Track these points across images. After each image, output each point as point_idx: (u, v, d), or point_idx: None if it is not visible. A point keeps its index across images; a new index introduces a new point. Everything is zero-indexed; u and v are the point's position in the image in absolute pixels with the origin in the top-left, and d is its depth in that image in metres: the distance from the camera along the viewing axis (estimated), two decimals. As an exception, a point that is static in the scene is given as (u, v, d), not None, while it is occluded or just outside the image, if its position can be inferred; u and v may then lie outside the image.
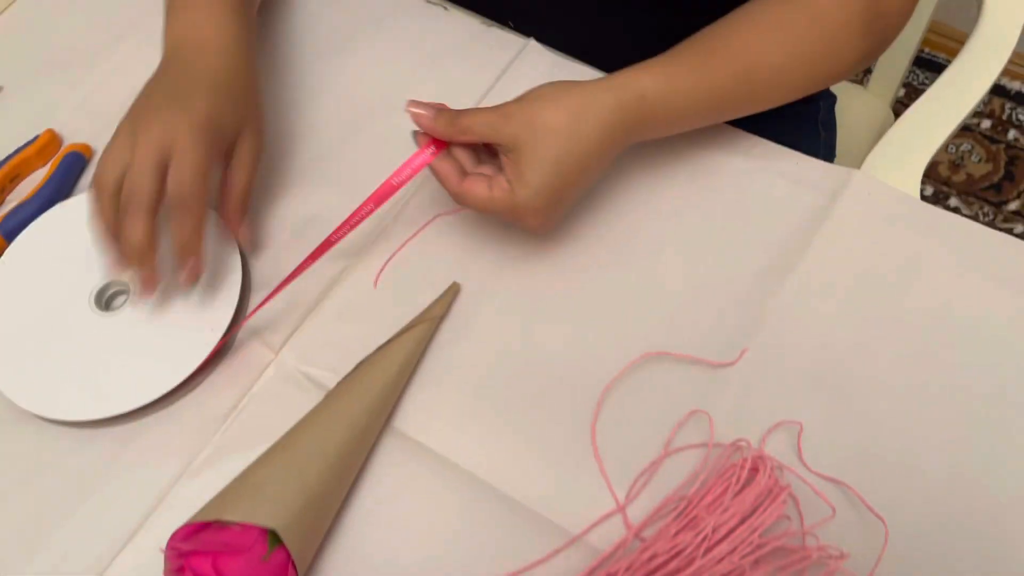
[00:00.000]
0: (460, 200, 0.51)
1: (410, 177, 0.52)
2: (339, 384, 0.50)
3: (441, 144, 0.51)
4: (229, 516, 0.43)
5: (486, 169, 0.51)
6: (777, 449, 0.48)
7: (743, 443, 0.47)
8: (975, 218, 1.45)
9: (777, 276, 0.53)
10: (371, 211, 0.52)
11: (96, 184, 0.49)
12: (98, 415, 0.50)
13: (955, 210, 1.45)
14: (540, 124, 0.48)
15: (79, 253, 0.54)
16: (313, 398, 0.50)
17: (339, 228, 0.52)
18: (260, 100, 0.57)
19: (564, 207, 0.51)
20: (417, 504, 0.48)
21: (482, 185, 0.49)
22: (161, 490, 0.49)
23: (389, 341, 0.51)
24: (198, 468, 0.50)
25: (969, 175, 1.48)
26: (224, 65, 0.53)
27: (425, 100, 0.51)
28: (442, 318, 0.53)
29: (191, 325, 0.53)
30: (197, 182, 0.49)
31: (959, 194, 1.47)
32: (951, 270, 0.53)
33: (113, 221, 0.49)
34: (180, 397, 0.52)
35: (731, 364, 0.50)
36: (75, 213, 0.57)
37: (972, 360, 0.50)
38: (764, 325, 0.52)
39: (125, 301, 0.54)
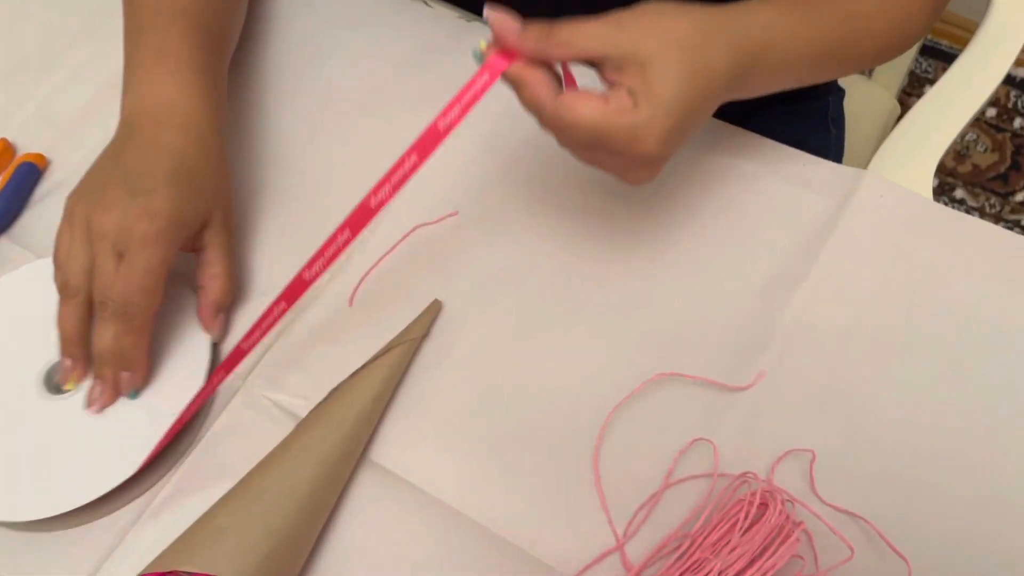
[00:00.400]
0: (554, 119, 0.40)
1: (471, 105, 0.41)
2: (310, 414, 0.46)
3: (510, 58, 0.41)
4: (187, 566, 0.39)
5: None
6: (787, 480, 0.44)
7: (750, 475, 0.43)
8: (981, 210, 1.41)
9: (785, 288, 0.49)
10: (416, 165, 0.42)
11: (65, 289, 0.45)
12: (42, 515, 0.44)
13: (961, 202, 1.42)
14: (668, 34, 0.40)
15: (26, 329, 0.49)
16: (283, 428, 0.46)
17: (378, 186, 0.42)
18: (229, 182, 0.51)
19: (683, 141, 0.42)
20: (397, 545, 0.44)
21: (593, 99, 0.39)
22: (117, 533, 0.45)
23: (364, 365, 0.47)
24: (158, 508, 0.46)
25: (975, 165, 1.44)
26: (189, 145, 0.48)
27: (407, 96, 0.46)
28: (423, 339, 0.49)
29: (151, 408, 0.47)
30: (146, 291, 0.44)
31: (965, 185, 1.43)
32: (974, 279, 0.49)
33: (83, 325, 0.46)
34: (145, 483, 0.47)
35: (746, 388, 0.46)
36: (21, 284, 0.51)
37: (999, 376, 0.46)
38: (771, 342, 0.48)
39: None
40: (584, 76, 0.43)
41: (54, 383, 0.48)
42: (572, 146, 0.42)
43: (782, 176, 0.53)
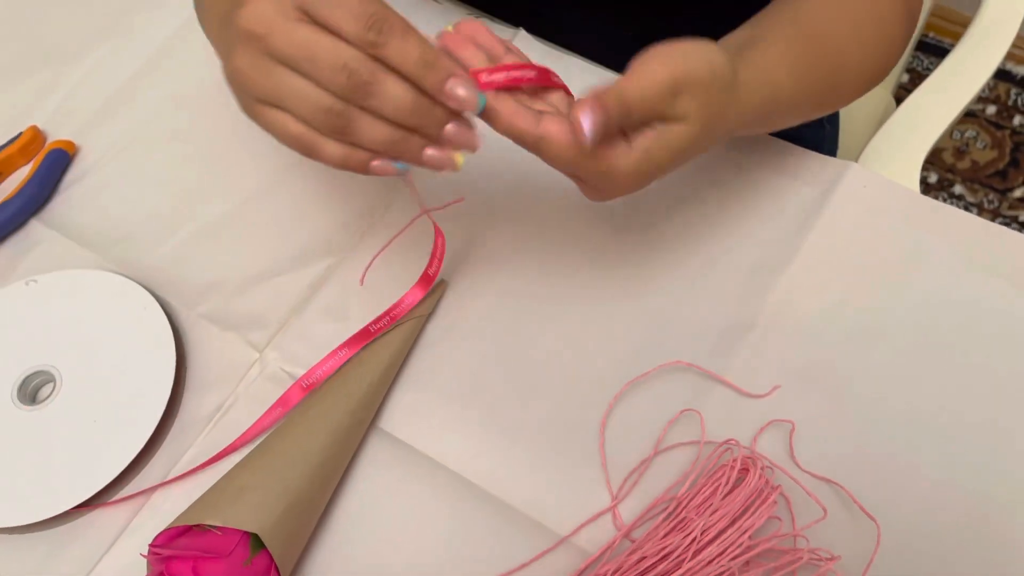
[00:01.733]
0: (586, 171, 0.40)
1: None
2: (323, 385, 0.49)
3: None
4: (210, 520, 0.42)
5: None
6: (768, 448, 0.47)
7: (733, 442, 0.46)
8: (980, 206, 1.43)
9: (770, 273, 0.52)
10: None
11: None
12: (30, 519, 0.47)
13: (959, 198, 1.44)
14: (710, 106, 0.39)
15: None
16: (298, 398, 0.49)
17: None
18: None
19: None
20: (403, 507, 0.48)
21: (625, 151, 0.39)
22: (142, 496, 0.48)
23: (374, 340, 0.50)
24: (181, 470, 0.49)
25: (974, 162, 1.46)
26: None
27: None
28: (429, 317, 0.53)
29: (125, 411, 0.50)
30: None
31: (964, 181, 1.45)
32: (950, 265, 0.52)
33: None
34: (128, 478, 0.49)
35: (762, 396, 0.49)
36: None
37: (970, 358, 0.49)
38: (756, 322, 0.51)
39: (53, 391, 0.50)
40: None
41: (28, 393, 0.51)
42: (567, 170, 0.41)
43: (772, 167, 0.56)
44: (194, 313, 0.54)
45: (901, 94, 0.89)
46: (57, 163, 0.60)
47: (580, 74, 0.60)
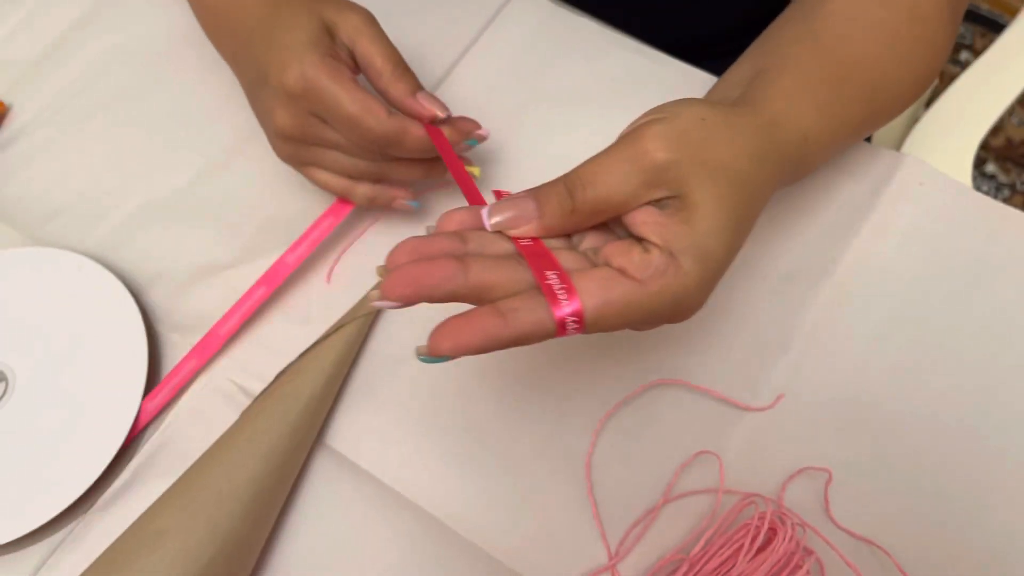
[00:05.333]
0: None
1: (317, 243, 0.46)
2: (255, 401, 0.41)
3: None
4: (123, 574, 0.35)
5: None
6: (798, 500, 0.40)
7: (757, 497, 0.39)
8: (1012, 186, 1.34)
9: (807, 285, 0.44)
10: (264, 296, 0.45)
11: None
12: None
13: (991, 177, 1.35)
14: (716, 165, 0.32)
15: None
16: (247, 415, 0.42)
17: (226, 315, 0.45)
18: None
19: None
20: (359, 545, 0.40)
21: (613, 278, 0.30)
22: (62, 526, 0.41)
23: (313, 346, 0.43)
24: (109, 499, 0.42)
25: (1008, 139, 1.37)
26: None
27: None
28: (376, 317, 0.45)
29: (93, 413, 0.43)
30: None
31: (997, 159, 1.36)
32: None
33: None
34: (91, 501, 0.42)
35: (762, 409, 0.41)
36: None
37: (1042, 395, 0.41)
38: (789, 346, 0.43)
39: (4, 392, 0.43)
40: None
41: None
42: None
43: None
44: (131, 309, 0.46)
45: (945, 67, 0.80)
46: (-17, 124, 0.52)
47: (596, 40, 0.51)
